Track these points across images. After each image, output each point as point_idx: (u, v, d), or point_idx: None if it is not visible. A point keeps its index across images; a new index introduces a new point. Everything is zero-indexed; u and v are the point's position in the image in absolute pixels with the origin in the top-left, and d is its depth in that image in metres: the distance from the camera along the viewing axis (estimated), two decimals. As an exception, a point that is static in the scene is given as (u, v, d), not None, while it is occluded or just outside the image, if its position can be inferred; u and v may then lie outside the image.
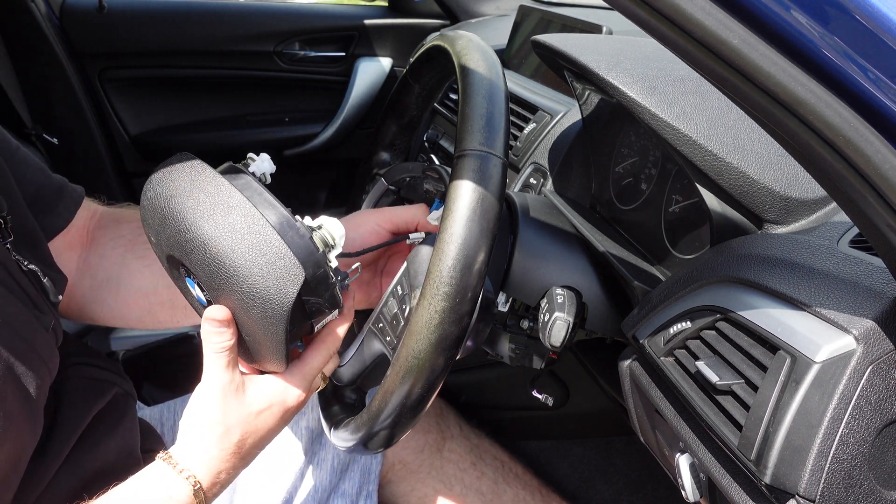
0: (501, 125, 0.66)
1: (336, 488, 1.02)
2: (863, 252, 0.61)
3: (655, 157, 0.93)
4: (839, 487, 0.53)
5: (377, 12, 2.26)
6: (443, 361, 0.63)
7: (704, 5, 0.45)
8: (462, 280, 0.61)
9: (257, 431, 0.71)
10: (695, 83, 0.78)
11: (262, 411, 0.71)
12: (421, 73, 0.92)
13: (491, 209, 0.62)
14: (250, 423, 0.71)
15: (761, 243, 0.67)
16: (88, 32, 2.06)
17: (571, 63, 0.88)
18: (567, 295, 0.79)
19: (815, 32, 0.44)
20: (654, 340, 0.71)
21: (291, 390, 0.72)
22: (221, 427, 0.69)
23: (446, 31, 0.84)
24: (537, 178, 1.15)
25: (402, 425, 0.68)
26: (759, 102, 0.47)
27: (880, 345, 0.52)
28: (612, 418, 1.39)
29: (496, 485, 1.10)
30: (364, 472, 1.04)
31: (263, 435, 0.72)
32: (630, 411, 0.81)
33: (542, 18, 1.55)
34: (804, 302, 0.56)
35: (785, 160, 0.71)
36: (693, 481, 0.67)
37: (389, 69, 2.22)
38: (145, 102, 2.17)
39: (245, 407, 0.70)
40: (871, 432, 0.53)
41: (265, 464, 1.01)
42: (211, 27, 2.14)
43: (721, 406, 0.61)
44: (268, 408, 0.71)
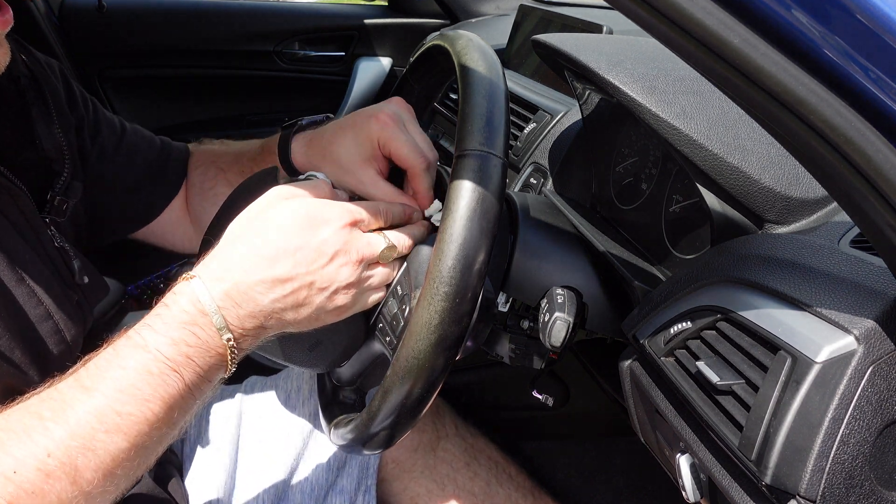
0: (501, 125, 0.65)
1: (334, 485, 1.02)
2: (864, 252, 0.61)
3: (656, 156, 0.93)
4: (840, 488, 0.53)
5: (377, 12, 2.26)
6: (443, 362, 0.63)
7: (705, 5, 0.45)
8: (462, 280, 0.61)
9: (263, 224, 0.66)
10: (695, 83, 0.77)
11: (270, 206, 0.67)
12: (421, 72, 0.92)
13: (491, 209, 0.62)
14: (254, 219, 0.67)
15: (762, 243, 0.67)
16: (88, 32, 2.06)
17: (572, 63, 0.88)
18: (567, 295, 0.79)
19: (817, 32, 0.44)
20: (654, 340, 0.71)
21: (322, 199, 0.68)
22: (229, 235, 0.67)
23: (446, 31, 0.84)
24: (537, 177, 1.15)
25: (402, 426, 0.68)
26: (759, 102, 0.47)
27: (881, 345, 0.52)
28: (613, 418, 1.39)
29: (489, 486, 1.10)
30: (362, 467, 1.04)
31: (273, 231, 0.66)
32: (630, 411, 0.81)
33: (543, 18, 1.55)
34: (805, 302, 0.56)
35: (786, 160, 0.71)
36: (693, 481, 0.67)
37: (389, 69, 2.23)
38: (145, 102, 2.17)
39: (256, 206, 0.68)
40: (872, 433, 0.53)
41: (262, 460, 1.01)
42: (211, 27, 2.14)
43: (721, 406, 0.61)
44: (275, 202, 0.67)
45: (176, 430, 0.66)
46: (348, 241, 0.67)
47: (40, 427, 0.59)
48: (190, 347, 0.63)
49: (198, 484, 0.98)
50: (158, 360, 0.62)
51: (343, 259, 0.67)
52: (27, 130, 0.84)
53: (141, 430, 0.61)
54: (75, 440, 0.59)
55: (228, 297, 0.64)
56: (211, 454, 1.01)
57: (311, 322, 0.69)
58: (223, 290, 0.64)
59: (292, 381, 1.10)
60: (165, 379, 0.62)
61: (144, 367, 0.62)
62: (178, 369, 0.63)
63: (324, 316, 0.69)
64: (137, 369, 0.61)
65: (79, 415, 0.60)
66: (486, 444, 1.16)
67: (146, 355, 0.62)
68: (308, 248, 0.65)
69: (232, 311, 0.64)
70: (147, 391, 0.61)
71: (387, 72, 2.22)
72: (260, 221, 0.67)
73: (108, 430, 0.60)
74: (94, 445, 0.60)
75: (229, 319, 0.64)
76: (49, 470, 0.58)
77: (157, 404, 0.62)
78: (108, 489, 0.61)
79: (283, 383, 1.10)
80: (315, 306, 0.67)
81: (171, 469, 0.98)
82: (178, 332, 0.63)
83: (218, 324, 0.63)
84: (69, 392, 0.61)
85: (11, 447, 0.58)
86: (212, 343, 0.64)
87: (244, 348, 0.67)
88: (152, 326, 0.63)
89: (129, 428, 0.61)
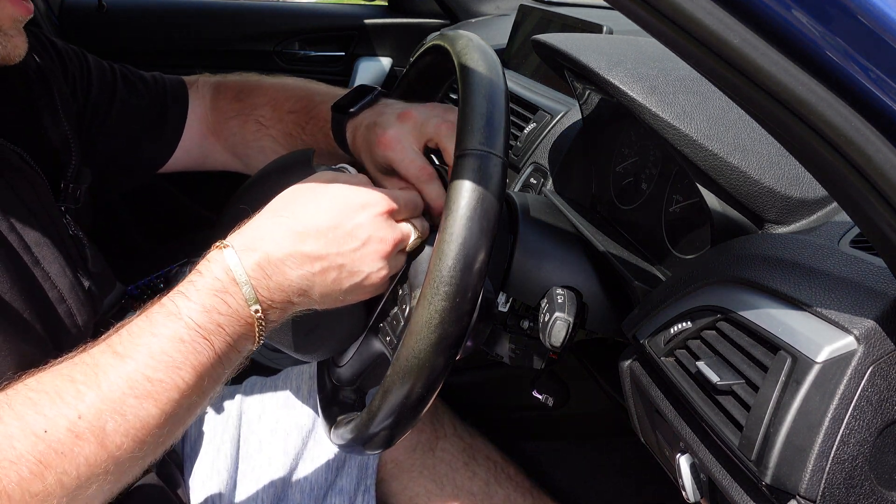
0: (501, 125, 0.66)
1: (333, 485, 1.02)
2: (864, 252, 0.61)
3: (656, 156, 0.93)
4: (840, 488, 0.53)
5: (377, 12, 2.26)
6: (443, 361, 0.63)
7: (705, 5, 0.45)
8: (462, 280, 0.61)
9: (301, 202, 0.68)
10: (695, 83, 0.77)
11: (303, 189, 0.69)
12: (421, 73, 0.92)
13: (491, 209, 0.62)
14: (294, 197, 0.68)
15: (762, 243, 0.67)
16: (88, 32, 2.05)
17: (572, 63, 0.88)
18: (567, 295, 0.79)
19: (816, 32, 0.44)
20: (654, 340, 0.71)
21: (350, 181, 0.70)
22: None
23: (446, 31, 0.84)
24: (537, 177, 1.15)
25: (402, 426, 0.68)
26: (759, 102, 0.47)
27: (881, 345, 0.52)
28: (613, 419, 1.39)
29: (488, 486, 1.10)
30: (361, 467, 1.04)
31: (298, 202, 0.68)
32: (630, 411, 0.81)
33: (543, 18, 1.55)
34: (805, 302, 0.56)
35: (786, 160, 0.71)
36: (693, 481, 0.67)
37: (389, 69, 2.22)
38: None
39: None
40: (872, 433, 0.53)
41: (262, 461, 1.01)
42: (211, 27, 2.14)
43: (722, 406, 0.61)
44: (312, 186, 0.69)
45: (205, 400, 0.67)
46: (383, 228, 0.68)
47: (72, 390, 0.59)
48: (221, 315, 0.64)
49: (198, 483, 0.99)
50: (190, 327, 0.63)
51: (376, 246, 0.68)
52: (34, 121, 0.86)
53: (171, 397, 0.62)
54: (106, 404, 0.59)
55: (259, 268, 0.65)
56: (211, 454, 1.01)
57: (336, 302, 0.70)
58: (254, 260, 0.65)
59: (292, 381, 1.10)
60: (196, 346, 0.63)
61: (176, 334, 0.62)
62: (208, 337, 0.63)
63: (350, 297, 0.70)
64: (169, 336, 0.62)
65: (110, 379, 0.60)
66: (485, 444, 1.16)
67: (178, 322, 0.63)
68: (341, 229, 0.66)
69: (262, 281, 0.65)
70: (178, 358, 0.62)
71: (387, 72, 2.22)
72: (299, 200, 0.68)
73: (139, 396, 0.61)
74: (125, 410, 0.60)
75: (259, 290, 0.65)
76: (79, 431, 0.58)
77: (188, 371, 0.62)
78: (136, 455, 0.62)
79: (283, 384, 1.10)
80: (343, 288, 0.68)
81: (171, 468, 0.98)
82: (209, 300, 0.64)
83: (247, 294, 0.64)
84: (102, 357, 0.62)
85: (43, 407, 0.59)
86: (241, 313, 0.64)
87: (272, 320, 0.67)
88: (185, 294, 0.64)
89: (159, 394, 0.61)
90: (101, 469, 0.60)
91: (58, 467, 0.57)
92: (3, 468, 0.56)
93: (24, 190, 0.79)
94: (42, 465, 0.57)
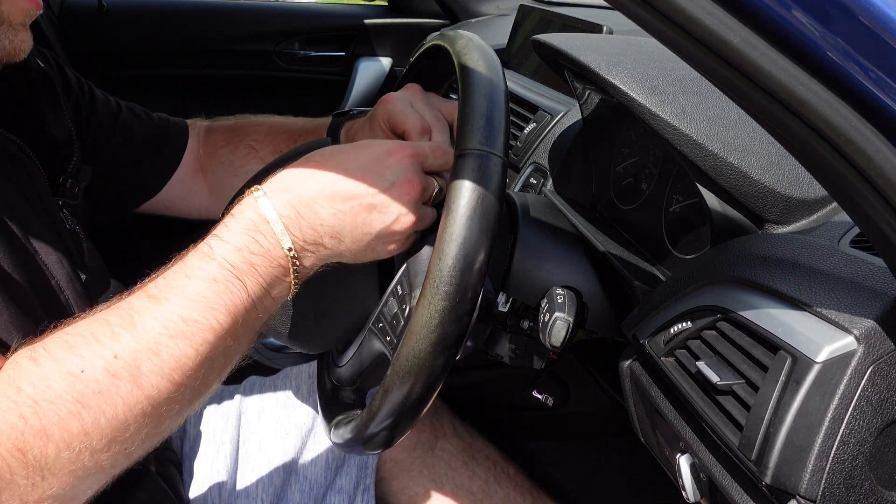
0: (501, 125, 0.66)
1: (332, 484, 1.03)
2: (864, 252, 0.61)
3: (656, 156, 0.93)
4: (840, 488, 0.53)
5: (377, 12, 2.26)
6: (443, 361, 0.63)
7: (705, 5, 0.45)
8: (462, 279, 0.61)
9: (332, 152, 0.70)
10: (695, 83, 0.77)
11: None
12: (421, 73, 0.92)
13: (491, 209, 0.62)
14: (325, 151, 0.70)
15: (762, 243, 0.67)
16: (88, 32, 2.05)
17: (572, 63, 0.88)
18: (567, 295, 0.79)
19: (816, 32, 0.44)
20: (654, 340, 0.71)
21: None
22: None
23: (446, 31, 0.84)
24: (537, 177, 1.15)
25: (402, 426, 0.68)
26: (759, 102, 0.47)
27: (881, 345, 0.52)
28: (613, 418, 1.39)
29: (487, 485, 1.10)
30: (360, 466, 1.04)
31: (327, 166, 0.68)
32: (630, 411, 0.81)
33: (543, 18, 1.55)
34: (805, 302, 0.56)
35: (786, 160, 0.71)
36: (693, 481, 0.67)
37: (389, 69, 2.22)
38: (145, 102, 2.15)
39: None
40: (872, 432, 0.53)
41: (261, 460, 1.01)
42: (211, 27, 2.14)
43: (722, 406, 0.61)
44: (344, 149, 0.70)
45: (242, 348, 0.67)
46: (412, 170, 0.69)
47: (108, 332, 0.60)
48: (253, 255, 0.64)
49: (198, 483, 0.99)
50: (223, 267, 0.63)
51: (405, 188, 0.68)
52: (36, 116, 0.87)
53: (206, 338, 0.62)
54: (140, 343, 0.60)
55: (291, 206, 0.66)
56: (211, 454, 1.01)
57: (367, 250, 0.70)
58: (286, 199, 0.66)
59: (291, 381, 1.10)
60: (230, 286, 0.63)
61: (210, 275, 0.63)
62: (241, 277, 0.64)
63: (379, 246, 0.70)
64: (203, 277, 0.63)
65: (145, 321, 0.61)
66: (485, 444, 1.16)
67: (212, 263, 0.64)
68: (371, 171, 0.67)
69: (294, 220, 0.65)
70: (212, 299, 0.63)
71: (387, 72, 2.22)
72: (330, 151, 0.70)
73: (174, 336, 0.61)
74: (160, 350, 0.61)
75: (291, 228, 0.65)
76: (115, 370, 0.59)
77: (222, 312, 0.63)
78: (173, 397, 0.62)
79: (283, 384, 1.10)
80: (374, 232, 0.68)
81: (170, 468, 0.98)
82: (242, 239, 0.64)
83: (279, 232, 0.65)
84: (137, 302, 0.63)
85: (80, 348, 0.59)
86: (274, 252, 0.65)
87: (305, 265, 0.67)
88: (219, 235, 0.65)
89: (193, 335, 0.62)
90: (139, 410, 0.60)
91: (96, 407, 0.58)
92: (41, 408, 0.56)
93: (23, 181, 0.79)
94: (80, 404, 0.58)
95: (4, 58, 0.77)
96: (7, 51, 0.76)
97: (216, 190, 1.06)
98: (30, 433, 0.56)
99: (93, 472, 0.60)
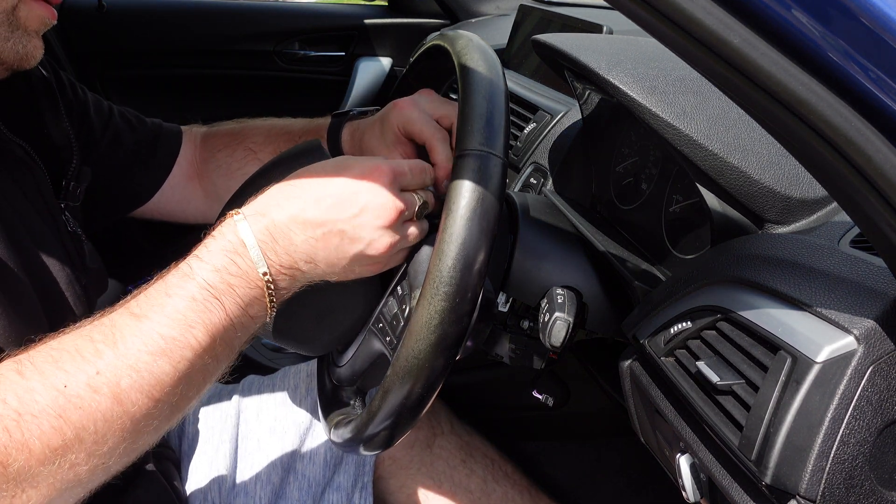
0: (501, 125, 0.66)
1: (330, 482, 1.03)
2: (864, 252, 0.61)
3: (656, 156, 0.93)
4: (840, 488, 0.53)
5: (377, 12, 2.26)
6: (443, 361, 0.63)
7: (705, 5, 0.45)
8: (462, 280, 0.61)
9: (308, 175, 0.70)
10: (695, 83, 0.77)
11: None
12: (421, 73, 0.92)
13: (491, 209, 0.62)
14: (303, 172, 0.70)
15: (762, 243, 0.67)
16: (88, 32, 2.05)
17: (572, 63, 0.88)
18: (567, 295, 0.79)
19: (816, 32, 0.44)
20: (654, 340, 0.71)
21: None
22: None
23: (446, 31, 0.84)
24: (537, 177, 1.15)
25: (402, 426, 0.68)
26: (759, 102, 0.47)
27: (881, 345, 0.52)
28: (613, 418, 1.39)
29: (485, 483, 1.11)
30: (358, 464, 1.04)
31: (303, 186, 0.69)
32: (630, 411, 0.81)
33: (543, 18, 1.55)
34: (805, 302, 0.56)
35: (786, 160, 0.71)
36: (693, 481, 0.67)
37: (389, 69, 2.22)
38: (145, 102, 2.17)
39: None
40: (872, 432, 0.53)
41: (259, 458, 1.01)
42: (210, 27, 2.14)
43: (722, 406, 0.61)
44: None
45: (220, 366, 0.68)
46: (383, 196, 0.69)
47: (91, 348, 0.62)
48: (232, 276, 0.66)
49: (196, 481, 0.99)
50: (202, 287, 0.65)
51: (377, 213, 0.68)
52: (37, 118, 0.87)
53: (184, 356, 0.63)
54: (121, 360, 0.61)
55: (267, 231, 0.67)
56: (209, 452, 1.01)
57: (346, 271, 0.71)
58: (263, 224, 0.67)
59: (289, 380, 1.10)
60: (208, 306, 0.65)
61: (189, 293, 0.64)
62: (219, 297, 0.65)
63: (358, 268, 0.71)
64: (182, 296, 0.64)
65: (126, 337, 0.62)
66: (482, 442, 1.16)
67: (191, 282, 0.65)
68: (340, 196, 0.68)
69: (269, 245, 0.67)
70: (191, 317, 0.64)
71: (387, 72, 2.22)
72: (309, 172, 0.71)
73: (153, 353, 0.62)
74: (139, 366, 0.62)
75: (266, 252, 0.67)
76: (97, 386, 0.60)
77: (200, 330, 0.64)
78: (151, 413, 0.63)
79: (281, 382, 1.10)
80: (348, 256, 0.69)
81: (169, 466, 0.98)
82: (220, 260, 0.66)
83: (255, 256, 0.66)
84: (119, 319, 0.64)
85: (65, 363, 0.60)
86: (251, 275, 0.66)
87: (281, 287, 0.69)
88: (199, 256, 0.67)
89: (172, 352, 0.63)
90: (118, 425, 0.61)
91: (77, 422, 0.59)
92: (25, 421, 0.57)
93: (28, 184, 0.80)
94: (62, 419, 0.58)
95: (15, 64, 0.77)
96: (19, 56, 0.77)
97: (213, 194, 1.05)
98: (12, 446, 0.56)
99: (71, 485, 0.60)
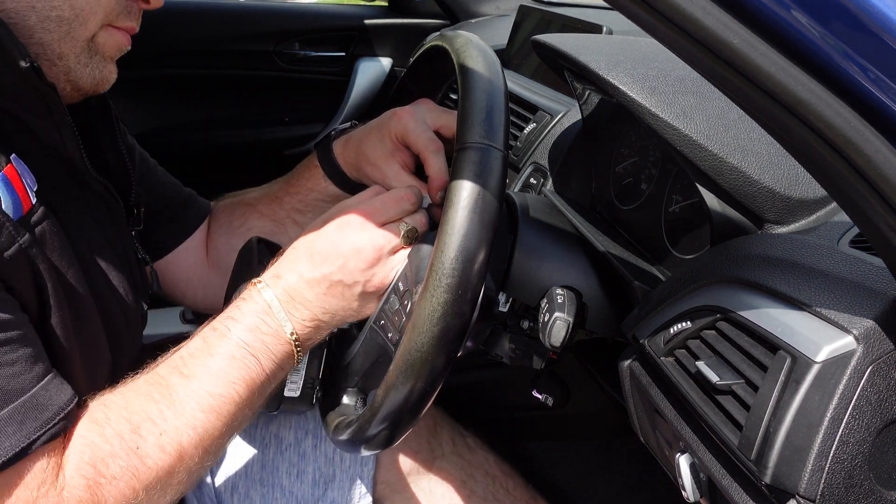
0: (501, 119, 0.66)
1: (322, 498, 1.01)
2: (863, 252, 0.61)
3: (656, 157, 0.93)
4: (839, 487, 0.53)
5: (377, 12, 2.26)
6: (445, 355, 0.63)
7: (705, 5, 0.45)
8: (464, 271, 0.61)
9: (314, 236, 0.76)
10: (695, 83, 0.78)
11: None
12: (421, 73, 0.92)
13: (492, 201, 0.62)
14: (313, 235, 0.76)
15: (761, 243, 0.67)
16: (88, 32, 2.05)
17: (572, 63, 0.88)
18: (567, 295, 0.79)
19: (816, 32, 0.44)
20: (654, 340, 0.71)
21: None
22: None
23: (446, 32, 0.85)
24: (537, 178, 1.15)
25: (403, 423, 0.68)
26: (759, 102, 0.48)
27: (881, 345, 0.52)
28: (612, 418, 1.39)
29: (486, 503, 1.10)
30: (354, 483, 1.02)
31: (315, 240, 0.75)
32: (630, 411, 0.81)
33: (542, 18, 1.55)
34: (804, 302, 0.56)
35: (785, 160, 0.71)
36: (693, 481, 0.67)
37: (389, 69, 2.22)
38: (145, 102, 2.17)
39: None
40: (872, 432, 0.53)
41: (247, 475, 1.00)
42: (210, 27, 2.14)
43: (721, 406, 0.61)
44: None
45: (253, 414, 0.75)
46: (360, 241, 0.74)
47: (156, 410, 0.68)
48: (264, 335, 0.73)
49: None
50: (240, 346, 0.72)
51: (359, 257, 0.74)
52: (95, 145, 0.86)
53: (229, 410, 0.71)
54: (180, 419, 0.68)
55: (285, 293, 0.74)
56: None
57: (364, 308, 0.77)
58: (280, 287, 0.74)
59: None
60: (246, 363, 0.72)
61: (229, 352, 0.71)
62: (255, 354, 0.72)
63: (374, 302, 0.77)
64: (224, 355, 0.71)
65: (181, 398, 0.69)
66: (484, 459, 1.14)
67: (230, 342, 0.72)
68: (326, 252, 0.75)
69: (289, 304, 0.74)
70: (233, 374, 0.71)
71: (387, 72, 2.22)
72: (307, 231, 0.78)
73: (204, 410, 0.69)
74: (195, 424, 0.69)
75: (289, 310, 0.74)
76: (163, 445, 0.67)
77: (241, 385, 0.71)
78: (203, 464, 0.71)
79: None
80: (355, 298, 0.75)
81: None
82: (253, 320, 0.73)
83: (281, 318, 0.73)
84: (171, 378, 0.70)
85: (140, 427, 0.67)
86: (280, 332, 0.74)
87: (305, 338, 0.75)
88: (233, 317, 0.74)
89: (220, 407, 0.70)
90: (177, 479, 0.68)
91: (146, 480, 0.66)
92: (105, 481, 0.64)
93: (102, 214, 0.81)
94: (135, 478, 0.65)
95: (91, 89, 0.78)
96: (96, 81, 0.78)
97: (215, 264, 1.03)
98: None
99: None
